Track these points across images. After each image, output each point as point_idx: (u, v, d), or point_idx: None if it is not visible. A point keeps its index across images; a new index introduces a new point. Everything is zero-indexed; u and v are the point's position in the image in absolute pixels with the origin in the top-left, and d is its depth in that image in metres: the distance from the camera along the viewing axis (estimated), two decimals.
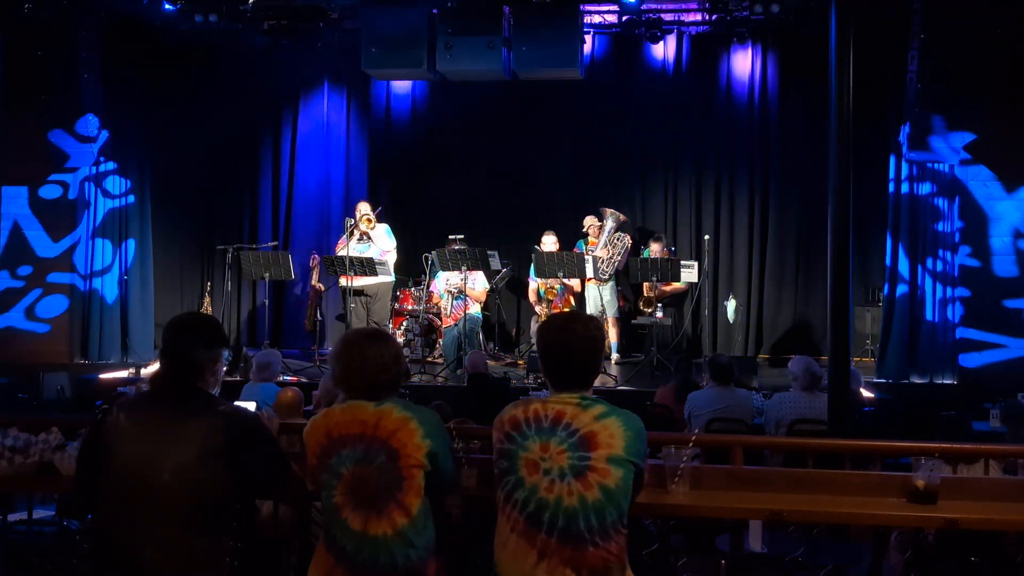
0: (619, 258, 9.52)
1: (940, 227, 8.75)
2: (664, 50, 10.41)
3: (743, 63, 10.39)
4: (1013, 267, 8.65)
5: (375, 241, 9.24)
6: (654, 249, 9.72)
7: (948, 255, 8.72)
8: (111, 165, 9.94)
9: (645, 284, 9.62)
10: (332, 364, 2.87)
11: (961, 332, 8.68)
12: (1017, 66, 8.39)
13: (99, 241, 9.88)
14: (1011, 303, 8.60)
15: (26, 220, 9.84)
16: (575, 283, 9.65)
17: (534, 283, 9.76)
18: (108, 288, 9.89)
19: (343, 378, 2.80)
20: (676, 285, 9.51)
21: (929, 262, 8.76)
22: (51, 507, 4.20)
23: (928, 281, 8.75)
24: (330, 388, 5.41)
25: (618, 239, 9.60)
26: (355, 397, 2.76)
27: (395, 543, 2.62)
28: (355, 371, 2.76)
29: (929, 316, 8.72)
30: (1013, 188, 8.68)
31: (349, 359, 2.78)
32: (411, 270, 10.40)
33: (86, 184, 9.81)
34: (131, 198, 10.09)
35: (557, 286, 9.58)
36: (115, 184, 10.03)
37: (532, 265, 9.43)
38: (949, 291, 8.71)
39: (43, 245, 9.85)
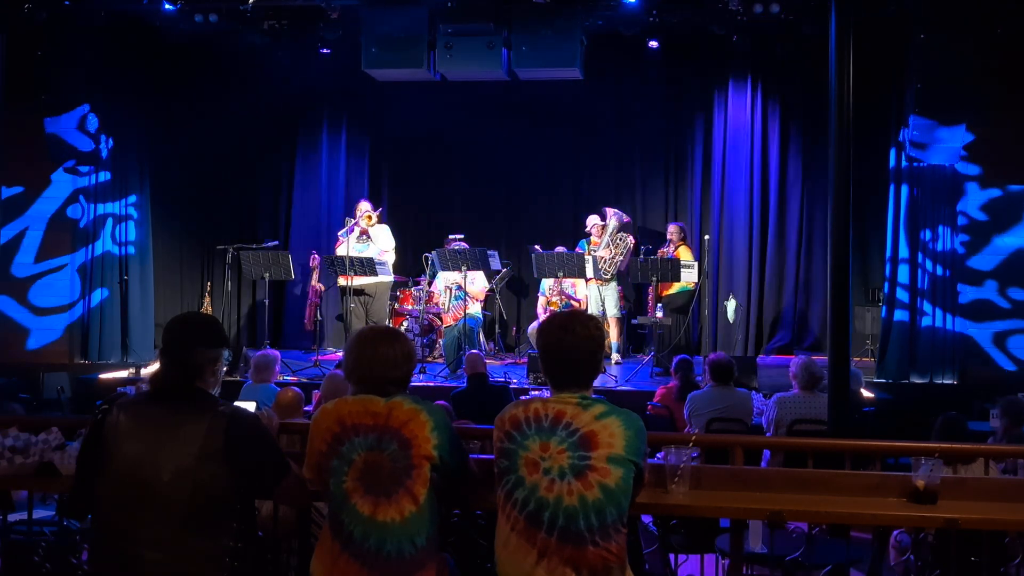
0: (621, 258, 9.53)
1: (940, 227, 8.74)
2: (664, 49, 10.40)
3: (743, 62, 10.38)
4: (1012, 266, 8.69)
5: (375, 241, 9.24)
6: (671, 231, 9.80)
7: (948, 255, 8.71)
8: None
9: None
10: (344, 358, 2.90)
11: (960, 331, 8.69)
12: (1016, 66, 8.39)
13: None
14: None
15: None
16: (583, 298, 9.68)
17: (543, 296, 9.80)
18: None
19: (354, 373, 2.83)
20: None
21: (929, 262, 8.76)
22: (51, 507, 4.20)
23: (928, 281, 8.75)
24: (333, 387, 5.41)
25: (620, 239, 9.62)
26: (365, 391, 2.79)
27: (402, 531, 2.65)
28: (366, 367, 2.80)
29: (929, 316, 8.73)
30: (1013, 187, 8.68)
31: (361, 355, 2.82)
32: (411, 270, 10.40)
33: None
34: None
35: (564, 301, 9.62)
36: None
37: (541, 280, 9.47)
38: (948, 291, 8.71)
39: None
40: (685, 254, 9.58)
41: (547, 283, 9.76)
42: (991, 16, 8.14)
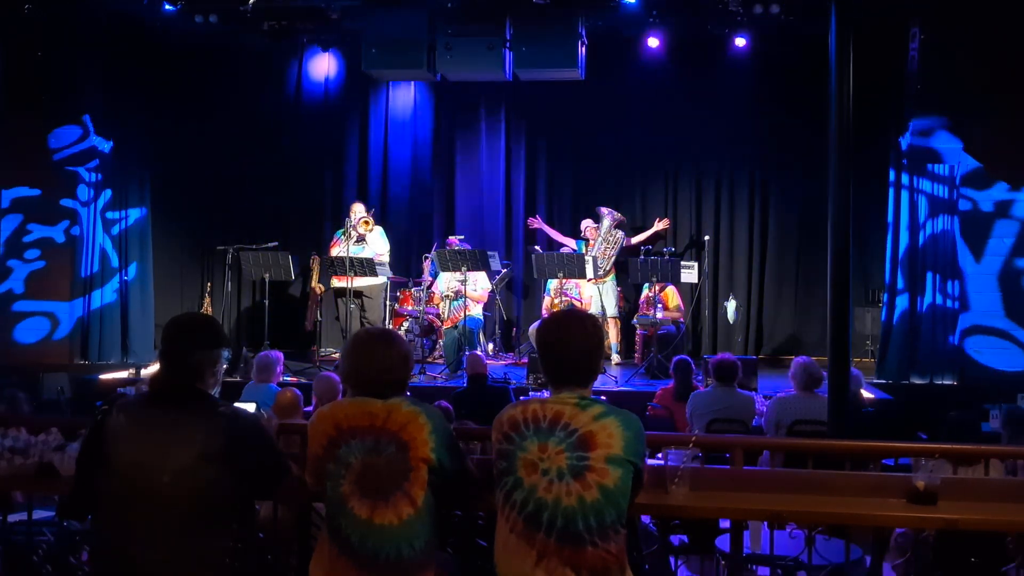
0: (612, 251, 9.57)
1: (940, 227, 8.74)
2: (664, 50, 10.40)
3: (743, 63, 10.37)
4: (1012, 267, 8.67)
5: (370, 244, 9.26)
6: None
7: (948, 255, 8.71)
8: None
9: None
10: (341, 361, 2.89)
11: (961, 331, 8.69)
12: (1017, 67, 8.38)
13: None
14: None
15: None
16: (587, 299, 9.67)
17: (547, 297, 9.81)
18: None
19: (351, 376, 2.82)
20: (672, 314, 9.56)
21: (929, 261, 8.75)
22: (51, 508, 4.20)
23: (928, 281, 8.75)
24: (325, 389, 5.42)
25: (612, 236, 9.64)
26: (362, 394, 2.78)
27: (400, 534, 2.64)
28: (363, 370, 2.79)
29: (929, 317, 8.72)
30: (1013, 188, 8.68)
31: (358, 358, 2.81)
32: (411, 271, 10.40)
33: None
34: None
35: (567, 303, 9.64)
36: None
37: (542, 280, 9.47)
38: (949, 292, 8.71)
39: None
40: None
41: (553, 283, 9.75)
42: (992, 16, 8.13)
